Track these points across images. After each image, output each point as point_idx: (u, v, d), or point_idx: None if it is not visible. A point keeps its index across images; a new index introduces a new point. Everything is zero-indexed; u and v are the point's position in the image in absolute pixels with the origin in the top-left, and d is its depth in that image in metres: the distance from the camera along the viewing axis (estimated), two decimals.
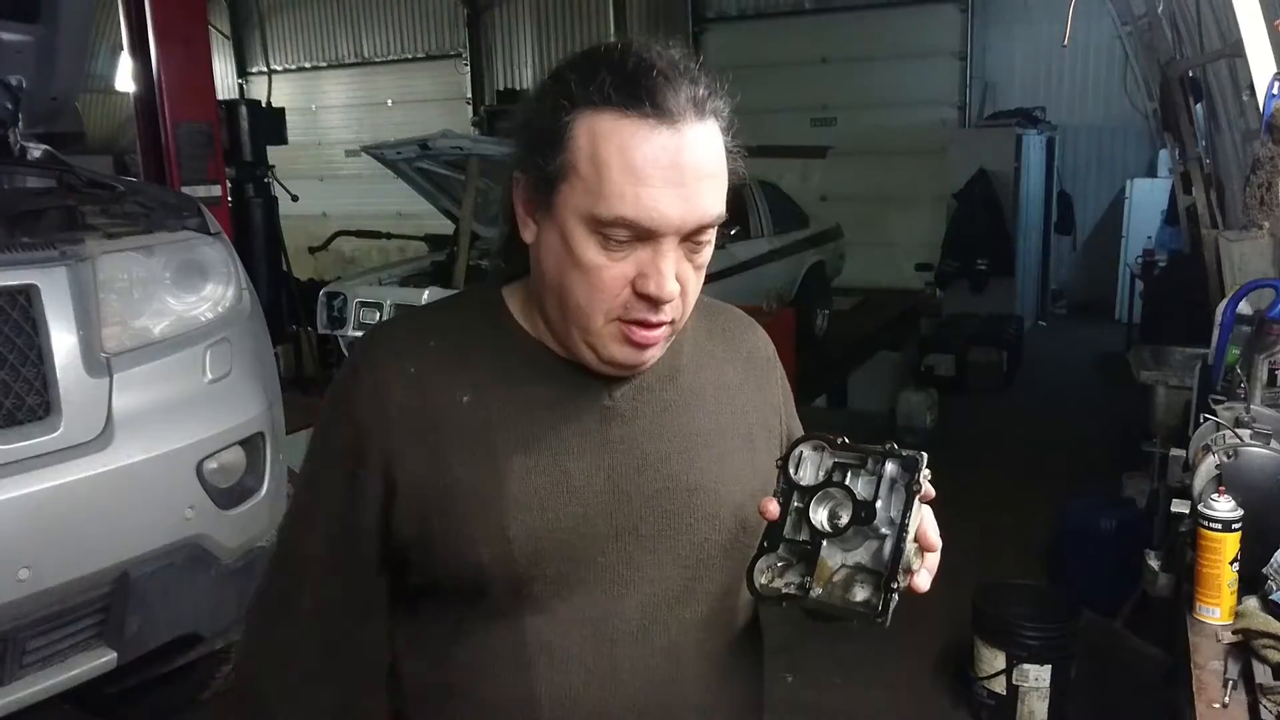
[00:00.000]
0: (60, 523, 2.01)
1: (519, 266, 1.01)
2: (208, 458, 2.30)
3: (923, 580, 0.90)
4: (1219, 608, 1.71)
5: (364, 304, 4.90)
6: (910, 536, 0.88)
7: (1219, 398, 2.30)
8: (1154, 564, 2.21)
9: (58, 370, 2.06)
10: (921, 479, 0.88)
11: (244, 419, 2.41)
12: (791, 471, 0.92)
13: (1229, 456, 1.84)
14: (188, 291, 2.41)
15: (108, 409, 2.13)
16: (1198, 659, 1.63)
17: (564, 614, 0.97)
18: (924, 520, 0.90)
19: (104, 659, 2.17)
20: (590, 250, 0.90)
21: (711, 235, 0.93)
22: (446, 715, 1.02)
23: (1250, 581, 1.73)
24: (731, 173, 0.94)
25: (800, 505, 0.92)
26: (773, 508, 0.91)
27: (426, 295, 4.82)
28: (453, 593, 1.00)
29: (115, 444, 2.12)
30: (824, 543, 0.90)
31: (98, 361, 2.15)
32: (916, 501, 0.88)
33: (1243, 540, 1.69)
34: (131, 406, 2.17)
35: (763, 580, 0.91)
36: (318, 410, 1.05)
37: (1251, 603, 1.71)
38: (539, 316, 1.00)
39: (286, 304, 5.64)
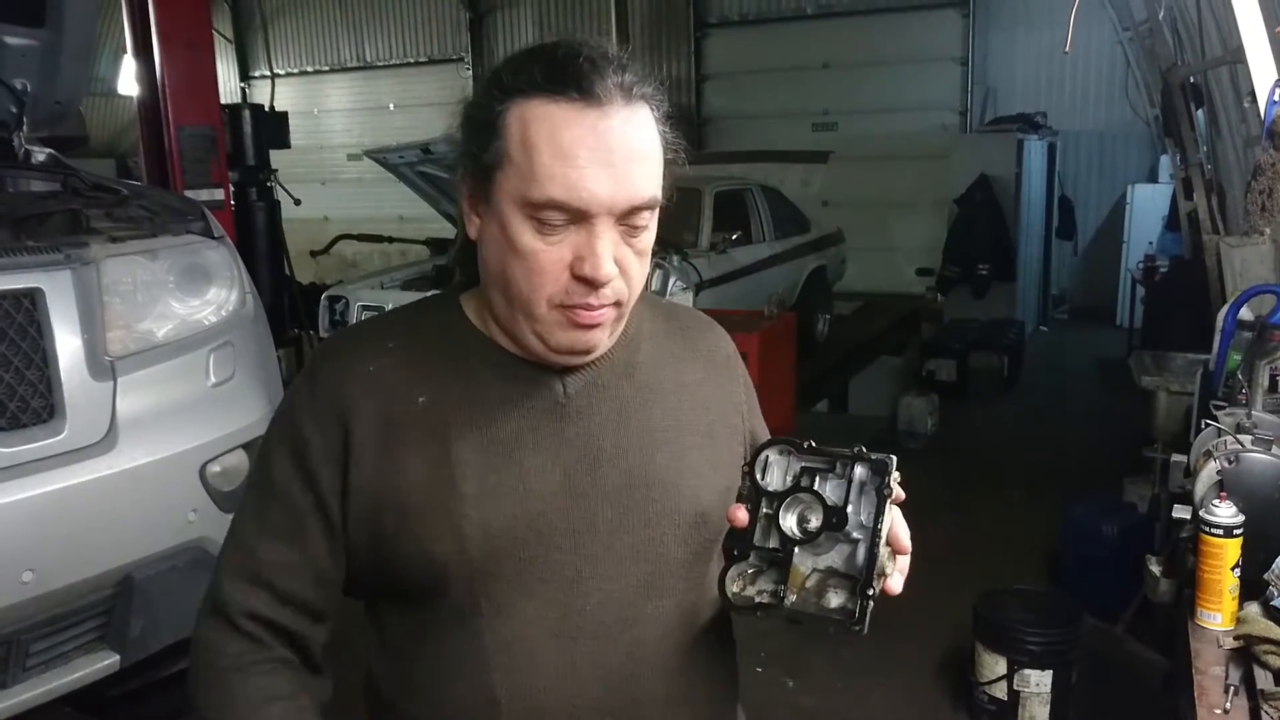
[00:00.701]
0: (64, 525, 2.01)
1: (474, 273, 1.03)
2: (211, 461, 2.30)
3: (895, 583, 0.90)
4: (1220, 613, 1.71)
5: (366, 307, 4.92)
6: (883, 541, 0.88)
7: (1220, 403, 2.30)
8: (1155, 569, 2.21)
9: (62, 373, 2.07)
10: (892, 482, 0.88)
11: (247, 422, 2.41)
12: (758, 477, 0.92)
13: (1230, 462, 1.84)
14: (191, 295, 2.42)
15: (112, 412, 2.14)
16: (1199, 664, 1.63)
17: (523, 613, 0.98)
18: (895, 523, 0.90)
19: (107, 661, 2.18)
20: (527, 235, 0.91)
21: (649, 219, 0.95)
22: (411, 718, 1.03)
23: (1252, 587, 1.73)
24: (670, 161, 0.96)
25: (769, 511, 0.91)
26: (741, 515, 0.91)
27: None
28: (411, 595, 1.00)
29: (119, 447, 2.12)
30: (795, 549, 0.89)
31: (102, 365, 2.15)
32: (888, 505, 0.88)
33: (1244, 546, 1.70)
34: (135, 410, 2.18)
35: (734, 589, 0.91)
36: (274, 418, 1.06)
37: (1253, 608, 1.71)
38: (490, 316, 1.01)
39: (289, 308, 5.65)
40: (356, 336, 1.09)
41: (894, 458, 0.89)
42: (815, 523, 0.89)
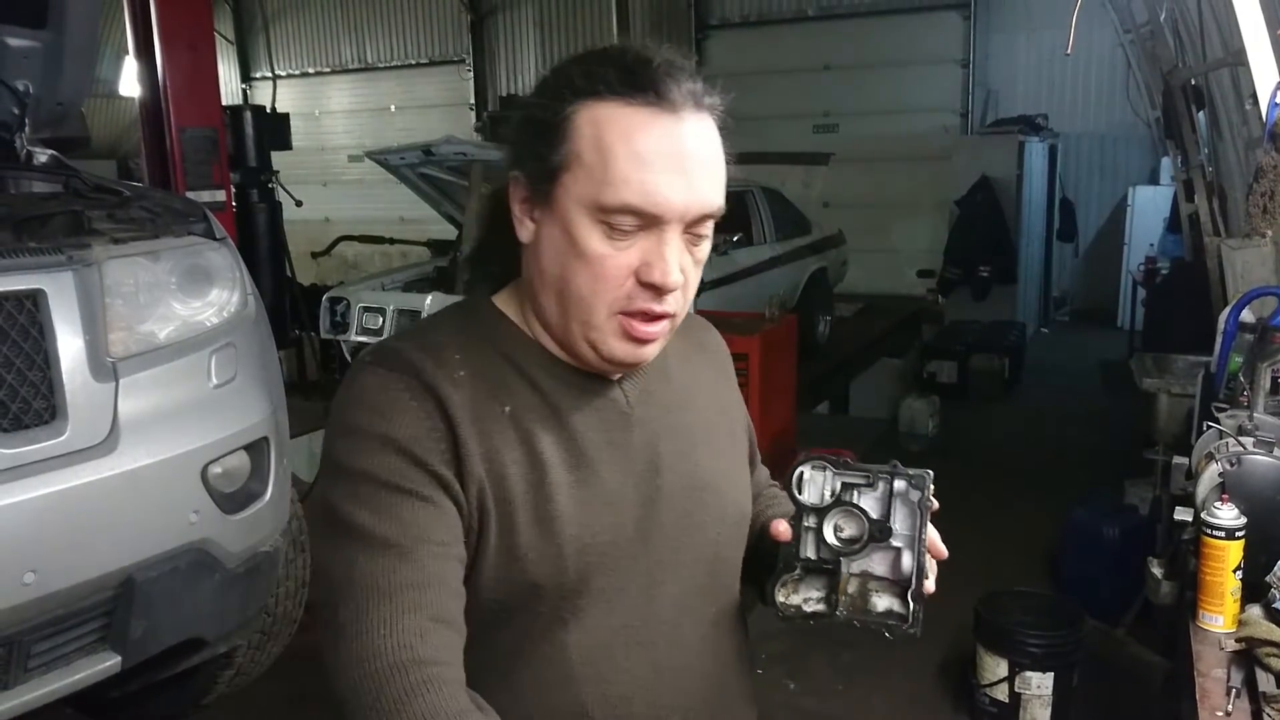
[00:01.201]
0: (66, 527, 2.01)
1: (506, 272, 1.01)
2: (212, 462, 2.30)
3: (930, 583, 0.97)
4: (1222, 616, 1.71)
5: (367, 309, 4.91)
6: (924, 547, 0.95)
7: (1222, 405, 2.30)
8: (1157, 572, 2.21)
9: (64, 375, 2.06)
10: (930, 494, 0.94)
11: (249, 424, 2.41)
12: (796, 493, 0.96)
13: (1232, 464, 1.84)
14: (193, 296, 2.42)
15: (113, 413, 2.14)
16: (1201, 667, 1.63)
17: (606, 623, 0.98)
18: (931, 529, 0.96)
19: (108, 663, 2.17)
20: (594, 240, 0.89)
21: (710, 229, 0.94)
22: None
23: (1253, 589, 1.73)
24: (727, 171, 0.96)
25: (810, 525, 0.96)
26: (784, 529, 0.97)
27: (429, 301, 4.83)
28: (498, 610, 0.95)
29: (120, 448, 2.12)
30: (841, 562, 0.95)
31: (103, 366, 2.15)
32: (928, 517, 0.95)
33: (1246, 548, 1.69)
34: (137, 411, 2.17)
35: (781, 599, 0.97)
36: (333, 448, 0.93)
37: (1255, 611, 1.71)
38: (535, 321, 0.99)
39: (290, 309, 5.65)
40: (422, 352, 0.95)
41: (931, 472, 0.95)
42: (851, 532, 0.95)
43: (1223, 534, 1.69)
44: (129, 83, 5.31)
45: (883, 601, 0.95)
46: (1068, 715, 2.97)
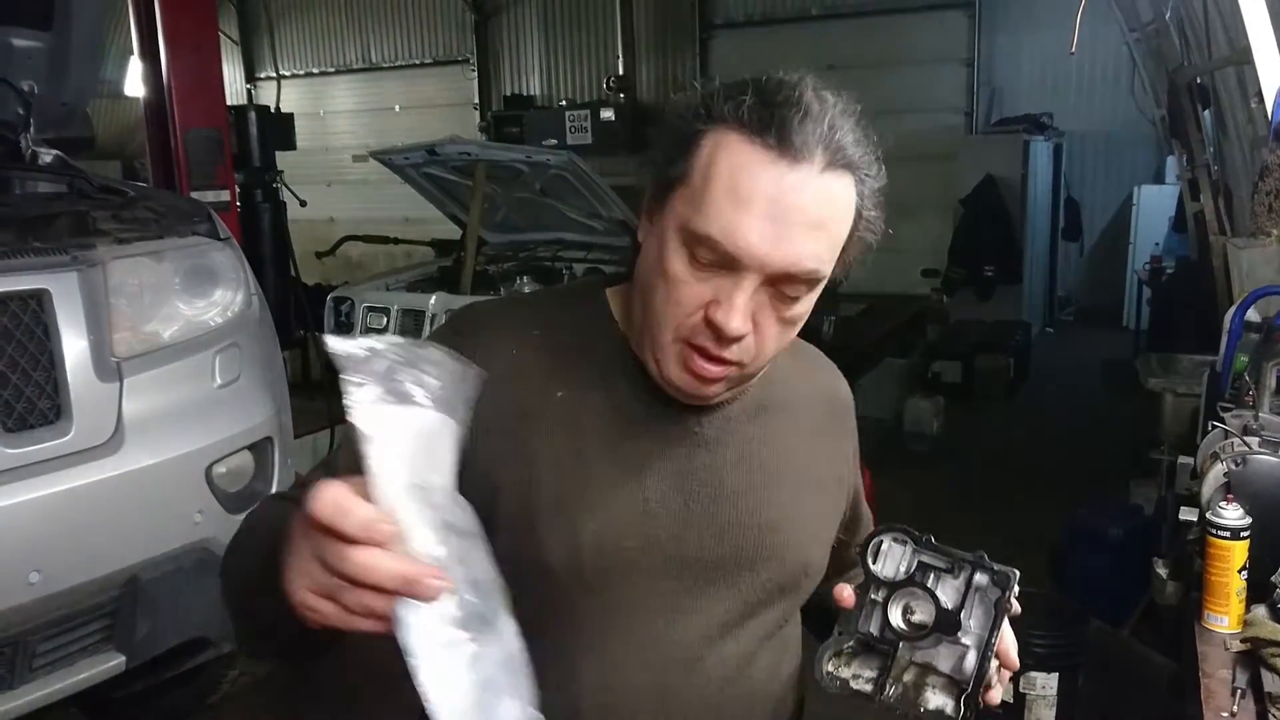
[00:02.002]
0: (71, 526, 2.02)
1: (628, 268, 1.01)
2: (216, 462, 2.31)
3: (996, 694, 0.91)
4: (1227, 616, 1.70)
5: (371, 309, 4.92)
6: (994, 653, 0.88)
7: (1227, 405, 2.29)
8: (1162, 572, 2.21)
9: (68, 374, 2.08)
10: (1012, 597, 0.87)
11: (252, 424, 2.42)
12: (870, 562, 0.91)
13: (1237, 464, 1.83)
14: (197, 296, 2.43)
15: (118, 413, 2.15)
16: (1206, 668, 1.62)
17: (618, 634, 0.96)
18: (1004, 636, 0.89)
19: (113, 662, 2.18)
20: (678, 262, 0.88)
21: (805, 293, 0.90)
22: None
23: (1259, 590, 1.73)
24: (855, 242, 0.93)
25: (876, 598, 0.91)
26: (848, 594, 0.92)
27: (434, 300, 4.83)
28: (515, 592, 0.96)
29: (125, 448, 2.13)
30: (901, 643, 0.89)
31: (108, 366, 2.16)
32: (1005, 619, 0.88)
33: (1251, 548, 1.69)
34: (141, 411, 2.18)
35: (829, 668, 0.91)
36: None
37: (1260, 611, 1.70)
38: (633, 322, 0.98)
39: (294, 309, 5.66)
40: (503, 314, 1.05)
41: (1017, 572, 0.88)
42: (919, 617, 0.89)
43: (1228, 534, 1.69)
44: (133, 83, 5.32)
45: (936, 699, 0.88)
46: (1073, 716, 2.96)
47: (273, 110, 6.13)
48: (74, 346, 2.10)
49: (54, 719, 2.58)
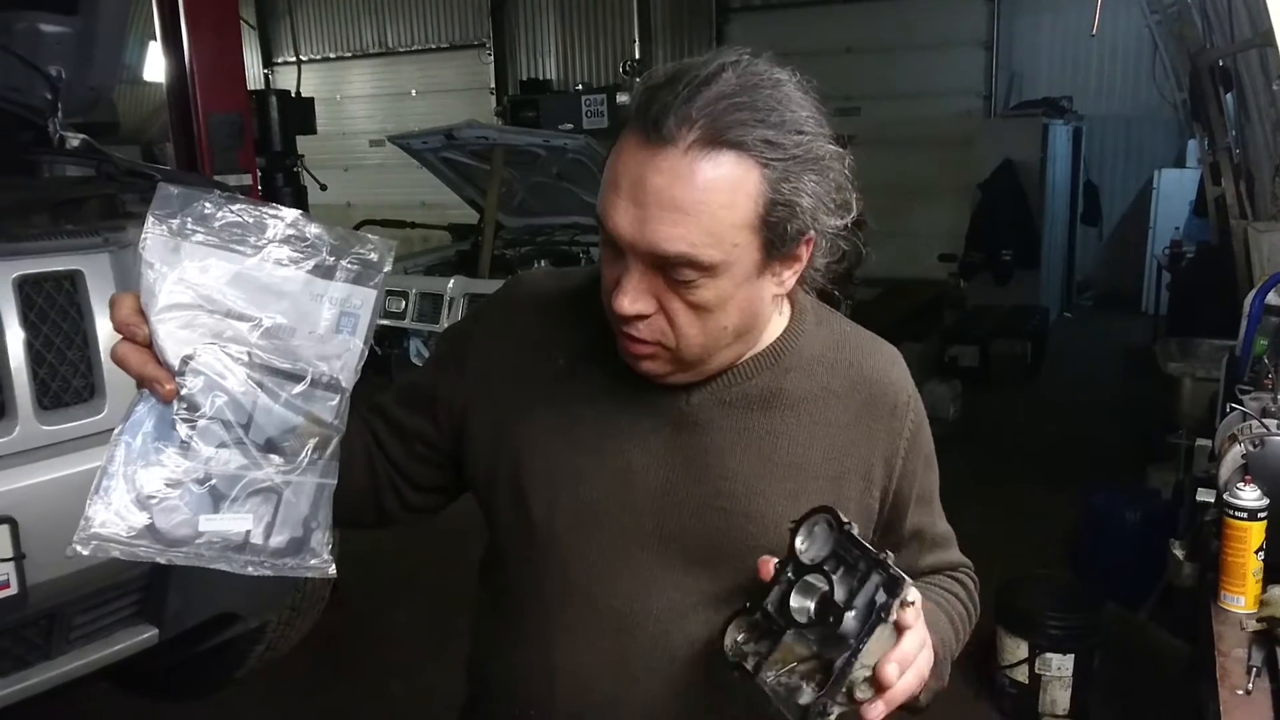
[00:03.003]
0: None
1: None
2: None
3: (875, 712, 0.82)
4: (1244, 596, 1.72)
5: (390, 292, 4.96)
6: (865, 662, 0.81)
7: (1246, 388, 2.30)
8: (1179, 553, 2.22)
9: (102, 354, 2.11)
10: (895, 606, 0.80)
11: None
12: (798, 540, 0.86)
13: (1255, 446, 1.85)
14: None
15: None
16: (1222, 647, 1.64)
17: (590, 599, 1.00)
18: (894, 651, 0.82)
19: (146, 635, 2.23)
20: (602, 250, 0.95)
21: (702, 279, 0.88)
22: (482, 673, 1.10)
23: (1275, 570, 1.75)
24: (774, 223, 0.87)
25: (790, 579, 0.86)
26: (769, 568, 0.87)
27: (451, 284, 4.87)
28: (504, 547, 1.07)
29: None
30: (790, 630, 0.84)
31: None
32: (881, 628, 0.81)
33: (1268, 529, 1.71)
34: None
35: (732, 637, 0.88)
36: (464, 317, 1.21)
37: (1277, 591, 1.72)
38: None
39: None
40: (540, 284, 1.12)
41: (908, 580, 0.81)
42: (809, 604, 0.84)
43: (1245, 515, 1.70)
44: (153, 68, 5.35)
45: (808, 696, 0.81)
46: (1087, 697, 2.98)
47: (293, 95, 6.16)
48: (107, 326, 2.12)
49: (85, 695, 2.65)
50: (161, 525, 0.82)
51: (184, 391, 0.82)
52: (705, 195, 0.84)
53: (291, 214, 0.85)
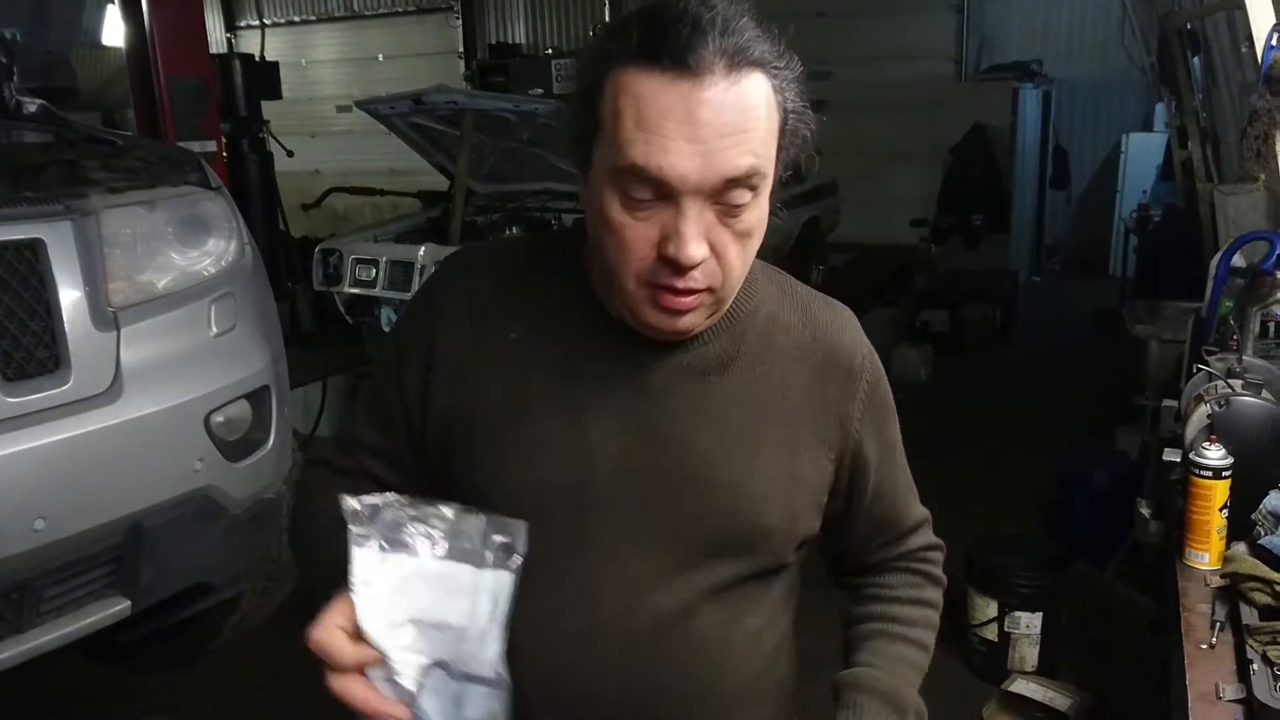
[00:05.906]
0: (73, 474, 2.03)
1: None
2: (215, 411, 2.32)
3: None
4: (1208, 553, 1.75)
5: (360, 260, 4.90)
6: None
7: (1211, 349, 2.33)
8: (1145, 512, 2.26)
9: (66, 324, 2.08)
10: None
11: (249, 373, 2.43)
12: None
13: (1220, 405, 1.88)
14: (190, 246, 2.42)
15: (116, 362, 2.15)
16: (1186, 602, 1.68)
17: (555, 575, 0.97)
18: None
19: (118, 607, 2.21)
20: (615, 209, 0.87)
21: (751, 199, 0.88)
22: None
23: (1239, 528, 1.78)
24: (790, 136, 0.91)
25: None
26: None
27: (422, 252, 4.82)
28: None
29: (124, 397, 2.14)
30: None
31: (104, 315, 2.16)
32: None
33: (1232, 487, 1.73)
34: (139, 360, 2.19)
35: None
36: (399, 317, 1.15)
37: (1240, 548, 1.75)
38: (595, 274, 0.99)
39: (284, 261, 5.63)
40: (478, 258, 1.11)
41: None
42: None
43: (1210, 474, 1.73)
44: (112, 31, 5.21)
45: None
46: (1055, 653, 3.04)
47: (257, 59, 6.03)
48: (70, 296, 2.10)
49: (56, 668, 2.62)
50: None
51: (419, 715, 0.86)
52: (755, 114, 0.86)
53: (450, 507, 0.88)
